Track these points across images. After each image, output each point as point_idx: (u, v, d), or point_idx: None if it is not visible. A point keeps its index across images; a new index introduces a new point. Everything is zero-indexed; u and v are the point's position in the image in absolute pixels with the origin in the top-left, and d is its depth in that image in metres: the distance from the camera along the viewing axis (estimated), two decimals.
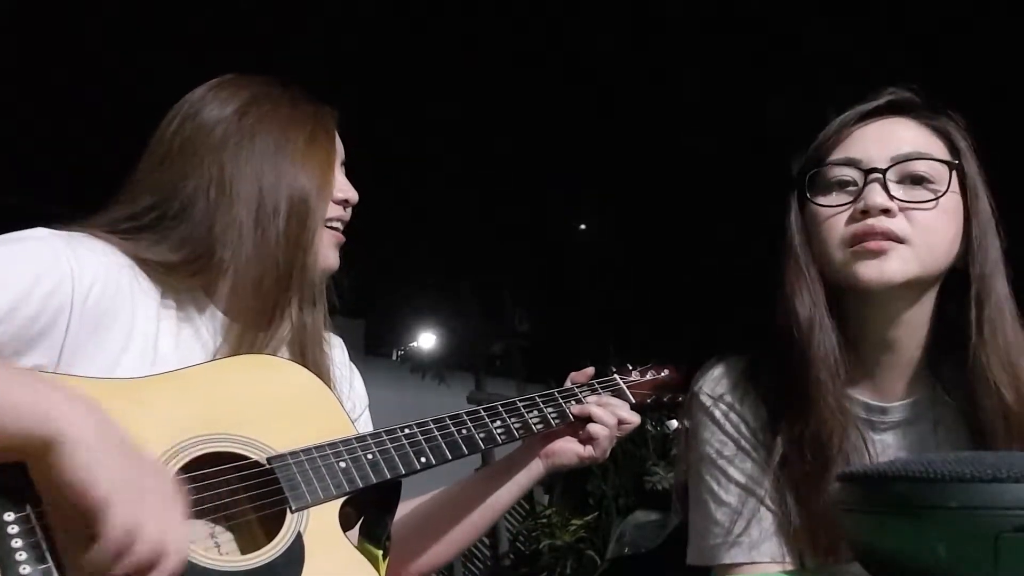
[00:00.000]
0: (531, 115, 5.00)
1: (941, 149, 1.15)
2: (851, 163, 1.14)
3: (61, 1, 3.76)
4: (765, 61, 4.33)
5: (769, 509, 1.15)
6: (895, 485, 0.69)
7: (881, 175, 1.11)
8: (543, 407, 1.29)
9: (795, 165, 1.23)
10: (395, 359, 8.41)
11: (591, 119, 5.17)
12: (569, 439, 1.32)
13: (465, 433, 1.18)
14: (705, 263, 5.18)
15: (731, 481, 1.17)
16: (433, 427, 1.17)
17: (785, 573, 1.11)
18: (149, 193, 1.16)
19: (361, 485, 1.06)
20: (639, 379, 1.42)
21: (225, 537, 1.01)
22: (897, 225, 1.10)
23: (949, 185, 1.12)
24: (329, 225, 1.23)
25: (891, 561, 0.70)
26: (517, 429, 1.24)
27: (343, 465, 1.06)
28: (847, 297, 1.15)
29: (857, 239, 1.10)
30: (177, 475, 0.96)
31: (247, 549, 1.00)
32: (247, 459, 1.02)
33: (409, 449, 1.12)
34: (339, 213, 1.25)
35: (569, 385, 1.36)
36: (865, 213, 1.10)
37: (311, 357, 1.22)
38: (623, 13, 4.41)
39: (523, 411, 1.26)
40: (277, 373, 1.12)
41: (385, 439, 1.12)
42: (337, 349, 1.35)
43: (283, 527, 0.99)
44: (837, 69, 3.80)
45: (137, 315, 1.11)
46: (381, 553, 1.07)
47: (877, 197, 1.10)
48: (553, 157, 5.31)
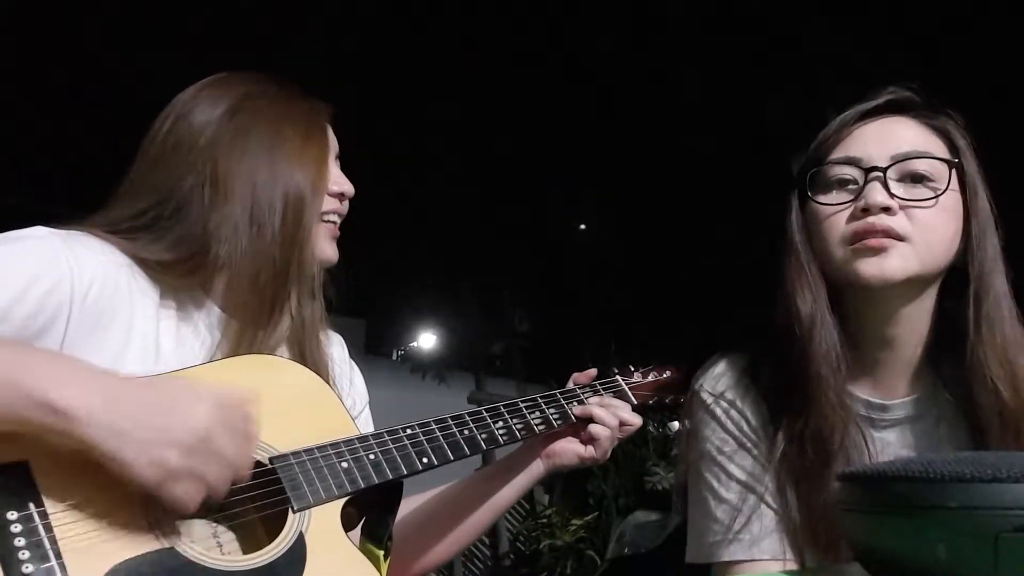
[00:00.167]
0: (531, 115, 5.00)
1: (941, 148, 1.16)
2: (851, 162, 1.14)
3: (61, 1, 3.76)
4: (765, 61, 4.33)
5: (769, 506, 1.15)
6: (895, 485, 0.69)
7: (882, 173, 1.12)
8: (545, 408, 1.29)
9: (795, 164, 1.23)
10: (395, 359, 8.41)
11: (591, 119, 5.17)
12: (570, 440, 1.32)
13: (467, 433, 1.19)
14: (705, 263, 5.18)
15: (731, 478, 1.17)
16: (435, 427, 1.17)
17: (785, 573, 1.11)
18: (145, 194, 1.16)
19: (363, 485, 1.06)
20: (641, 380, 1.42)
21: (227, 537, 1.01)
22: (897, 223, 1.10)
23: (949, 183, 1.13)
24: (325, 219, 1.23)
25: (891, 561, 0.70)
26: (519, 430, 1.24)
27: (345, 465, 1.07)
28: (847, 294, 1.16)
29: (858, 237, 1.11)
30: None
31: (249, 549, 1.00)
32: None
33: (411, 449, 1.13)
34: (335, 206, 1.25)
35: (571, 386, 1.36)
36: (866, 211, 1.11)
37: (309, 352, 1.22)
38: (623, 13, 4.41)
39: (525, 412, 1.26)
40: (279, 373, 1.13)
41: (387, 439, 1.12)
42: (336, 346, 1.35)
43: (285, 527, 1.00)
44: (837, 69, 3.80)
45: (136, 314, 1.11)
46: (383, 553, 1.07)
47: (878, 195, 1.10)
48: (553, 157, 5.31)
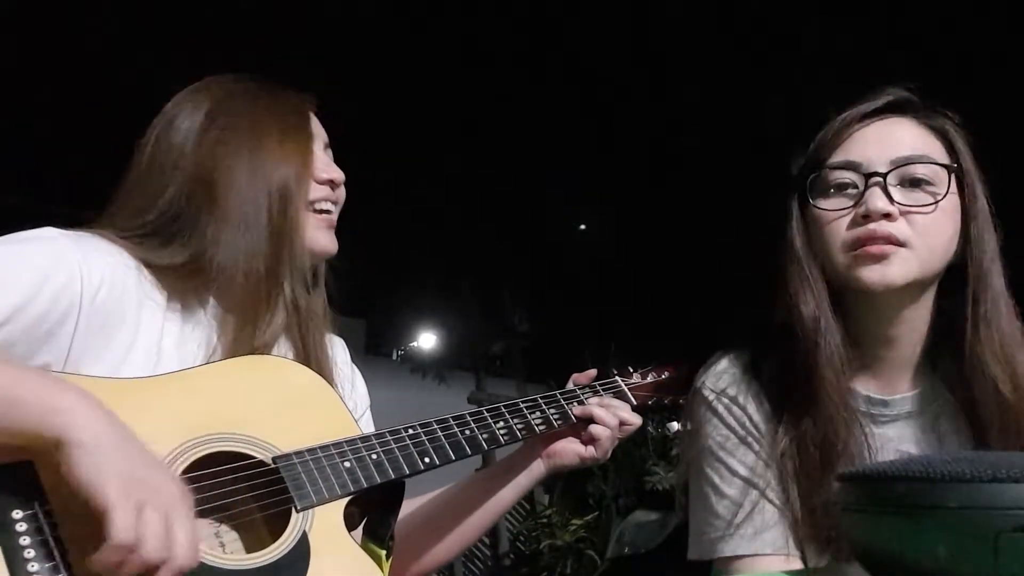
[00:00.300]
0: (531, 115, 5.00)
1: (939, 149, 1.16)
2: (851, 166, 1.15)
3: (61, 1, 3.76)
4: (765, 61, 4.34)
5: (771, 501, 1.15)
6: (895, 485, 0.69)
7: (882, 179, 1.12)
8: (545, 408, 1.29)
9: (795, 164, 1.23)
10: (395, 359, 8.41)
11: (591, 119, 5.17)
12: (571, 440, 1.32)
13: (468, 434, 1.19)
14: (705, 263, 5.18)
15: (733, 474, 1.17)
16: (437, 427, 1.17)
17: (785, 573, 1.12)
18: (143, 203, 1.17)
19: (365, 485, 1.07)
20: (641, 381, 1.42)
21: (230, 536, 1.02)
22: (898, 229, 1.11)
23: (948, 187, 1.13)
24: (316, 208, 1.23)
25: (891, 561, 0.70)
26: (520, 430, 1.25)
27: (348, 465, 1.07)
28: (849, 297, 1.16)
29: (859, 243, 1.12)
30: (183, 474, 0.96)
31: (252, 548, 1.00)
32: (252, 459, 1.02)
33: (413, 449, 1.13)
34: (325, 194, 1.24)
35: (571, 386, 1.37)
36: (866, 217, 1.11)
37: (312, 351, 1.22)
38: (623, 13, 4.41)
39: (525, 412, 1.27)
40: (281, 373, 1.13)
41: (389, 439, 1.12)
42: (339, 349, 1.35)
43: (288, 526, 1.00)
44: (837, 69, 3.81)
45: (143, 316, 1.12)
46: (385, 553, 1.07)
47: (878, 201, 1.11)
48: (553, 157, 5.31)
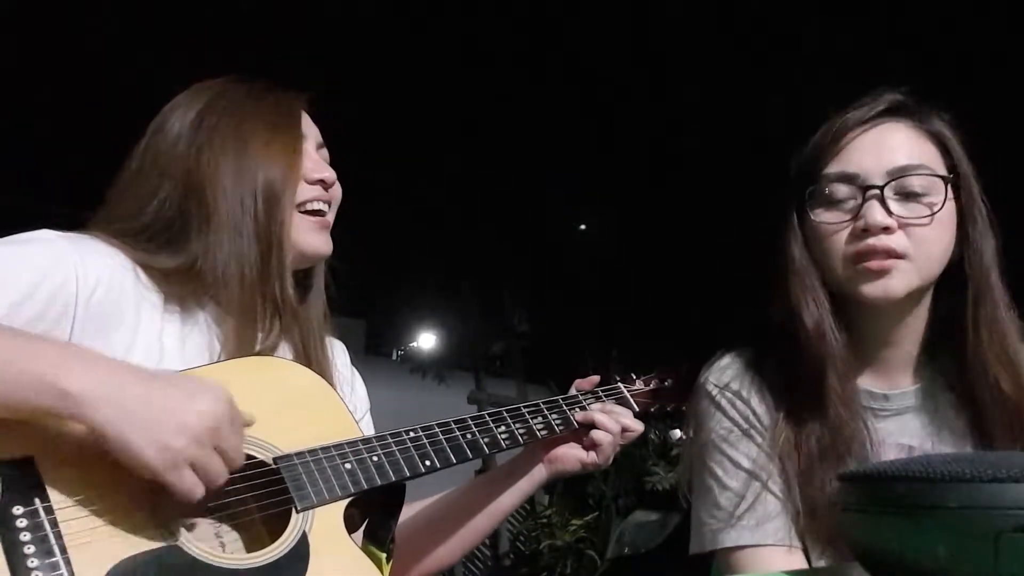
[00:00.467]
0: (531, 115, 5.00)
1: (935, 155, 1.16)
2: (848, 178, 1.15)
3: (61, 1, 3.76)
4: (765, 61, 4.34)
5: (773, 493, 1.15)
6: (895, 485, 0.69)
7: (879, 191, 1.12)
8: (547, 413, 1.29)
9: (794, 163, 1.23)
10: (395, 359, 8.42)
11: (591, 119, 5.17)
12: (572, 445, 1.32)
13: (470, 438, 1.19)
14: (705, 263, 5.18)
15: (736, 466, 1.17)
16: (438, 431, 1.17)
17: (786, 573, 1.12)
18: (134, 206, 1.17)
19: (366, 487, 1.07)
20: (643, 387, 1.42)
21: (230, 536, 1.02)
22: (897, 242, 1.11)
23: (945, 196, 1.14)
24: (306, 208, 1.22)
25: (891, 561, 0.70)
26: (521, 434, 1.24)
27: (348, 467, 1.07)
28: (850, 305, 1.17)
29: (860, 258, 1.12)
30: None
31: (252, 548, 1.00)
32: (253, 459, 1.02)
33: (414, 452, 1.13)
34: (316, 194, 1.23)
35: (574, 392, 1.36)
36: (865, 231, 1.12)
37: (313, 352, 1.22)
38: (623, 13, 4.41)
39: (527, 416, 1.26)
40: (283, 374, 1.13)
41: (390, 442, 1.12)
42: (339, 352, 1.35)
43: (288, 527, 1.00)
44: (837, 69, 3.81)
45: (142, 317, 1.12)
46: (385, 556, 1.07)
47: (877, 215, 1.11)
48: (553, 157, 5.31)
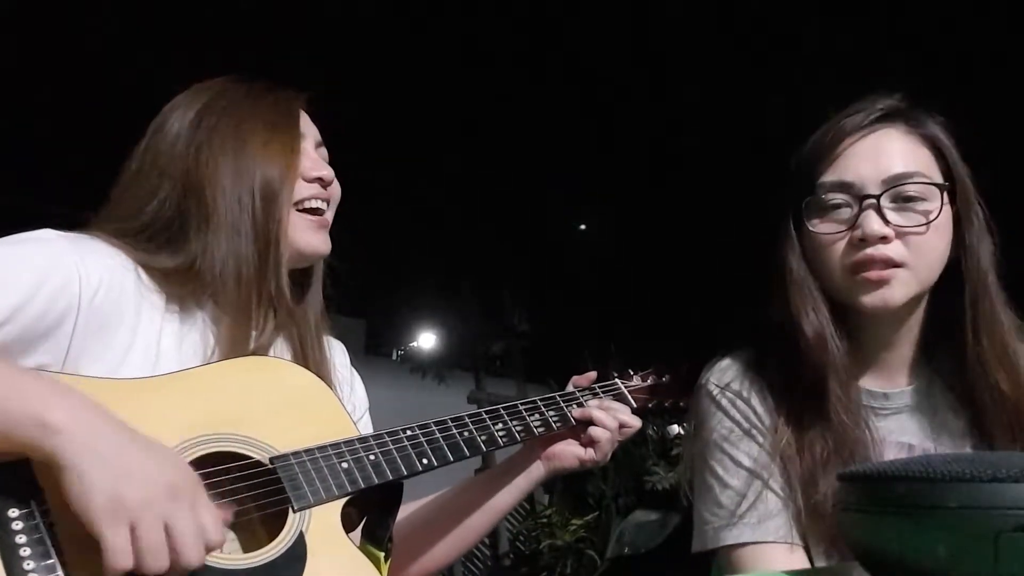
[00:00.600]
0: (531, 115, 5.00)
1: (930, 160, 1.16)
2: (844, 188, 1.15)
3: (61, 1, 3.77)
4: (765, 61, 4.34)
5: (775, 492, 1.15)
6: (895, 485, 0.69)
7: (875, 200, 1.12)
8: (544, 410, 1.29)
9: (792, 162, 1.23)
10: (395, 359, 8.42)
11: (591, 119, 5.17)
12: (570, 442, 1.31)
13: (467, 435, 1.18)
14: (705, 263, 5.18)
15: (737, 465, 1.17)
16: (435, 429, 1.17)
17: (786, 573, 1.11)
18: (134, 205, 1.17)
19: (363, 485, 1.06)
20: (641, 384, 1.41)
21: (228, 536, 1.01)
22: (895, 251, 1.12)
23: (941, 202, 1.14)
24: (304, 207, 1.22)
25: (891, 561, 0.70)
26: (518, 432, 1.24)
27: (345, 465, 1.07)
28: (850, 312, 1.18)
29: (858, 268, 1.13)
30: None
31: (249, 548, 1.00)
32: (250, 459, 1.02)
33: (411, 450, 1.13)
34: (314, 192, 1.23)
35: (571, 389, 1.36)
36: (863, 241, 1.12)
37: (311, 352, 1.22)
38: (623, 13, 4.41)
39: (524, 414, 1.26)
40: (280, 374, 1.13)
41: (387, 440, 1.12)
42: (338, 352, 1.35)
43: (285, 526, 1.00)
44: (837, 69, 3.81)
45: (142, 317, 1.12)
46: (383, 555, 1.07)
47: (874, 224, 1.11)
48: (553, 157, 5.31)
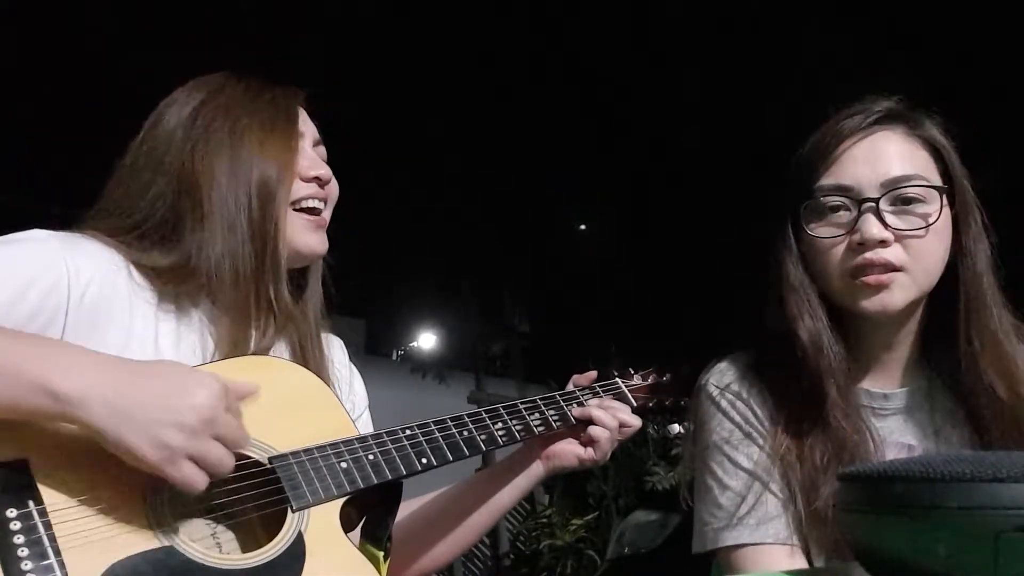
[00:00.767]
0: (531, 115, 5.00)
1: (928, 162, 1.16)
2: (843, 191, 1.14)
3: (61, 1, 3.77)
4: (765, 61, 4.33)
5: (774, 494, 1.15)
6: (895, 485, 0.68)
7: (874, 204, 1.12)
8: (544, 409, 1.28)
9: (792, 161, 1.22)
10: (395, 359, 8.43)
11: (591, 119, 5.17)
12: (570, 441, 1.31)
13: (466, 434, 1.18)
14: (705, 263, 5.18)
15: (737, 467, 1.17)
16: (434, 428, 1.17)
17: (786, 573, 1.11)
18: (132, 205, 1.17)
19: (362, 485, 1.06)
20: (640, 383, 1.41)
21: (226, 536, 1.01)
22: (894, 254, 1.11)
23: (940, 205, 1.13)
24: (301, 207, 1.21)
25: (891, 561, 0.70)
26: (518, 431, 1.24)
27: (344, 465, 1.06)
28: (848, 316, 1.17)
29: (857, 272, 1.12)
30: None
31: (248, 548, 1.00)
32: (248, 458, 1.02)
33: (410, 450, 1.12)
34: (311, 192, 1.22)
35: (571, 388, 1.36)
36: (862, 245, 1.11)
37: (309, 351, 1.22)
38: (623, 13, 4.41)
39: (524, 413, 1.26)
40: (278, 373, 1.12)
41: (386, 440, 1.12)
42: (337, 350, 1.35)
43: (284, 526, 0.99)
44: (837, 69, 3.81)
45: (135, 316, 1.11)
46: (383, 554, 1.07)
47: (873, 228, 1.11)
48: (553, 157, 5.31)
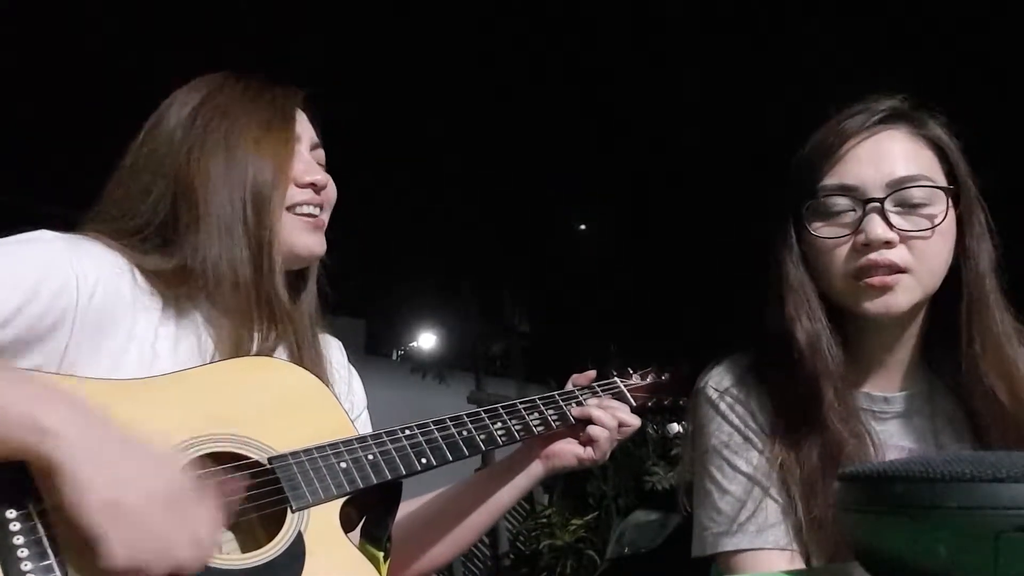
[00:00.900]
0: (531, 115, 5.00)
1: (933, 163, 1.15)
2: (847, 191, 1.13)
3: (61, 1, 3.77)
4: (765, 61, 4.33)
5: (774, 499, 1.15)
6: (895, 485, 0.68)
7: (879, 204, 1.11)
8: (543, 409, 1.28)
9: (793, 162, 1.22)
10: (395, 359, 8.43)
11: (591, 119, 5.17)
12: (569, 441, 1.31)
13: (465, 434, 1.18)
14: (705, 263, 5.18)
15: (737, 471, 1.17)
16: (434, 428, 1.17)
17: (785, 573, 1.11)
18: (132, 207, 1.17)
19: (362, 485, 1.06)
20: (640, 382, 1.41)
21: (226, 536, 1.01)
22: (899, 255, 1.10)
23: (946, 207, 1.13)
24: (297, 212, 1.21)
25: (891, 561, 0.70)
26: (517, 431, 1.24)
27: (344, 465, 1.06)
28: (849, 317, 1.16)
29: (862, 273, 1.11)
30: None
31: (248, 548, 1.00)
32: (248, 459, 1.02)
33: (410, 450, 1.12)
34: (307, 197, 1.21)
35: (570, 387, 1.36)
36: (866, 246, 1.10)
37: (306, 352, 1.21)
38: (623, 13, 4.41)
39: (523, 413, 1.26)
40: (277, 373, 1.12)
41: (386, 440, 1.12)
42: (335, 350, 1.34)
43: (284, 526, 0.99)
44: (837, 69, 3.81)
45: (138, 319, 1.11)
46: (382, 555, 1.07)
47: (878, 229, 1.10)
48: (553, 157, 5.31)
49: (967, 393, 1.16)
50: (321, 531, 1.01)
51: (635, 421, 1.33)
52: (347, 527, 1.05)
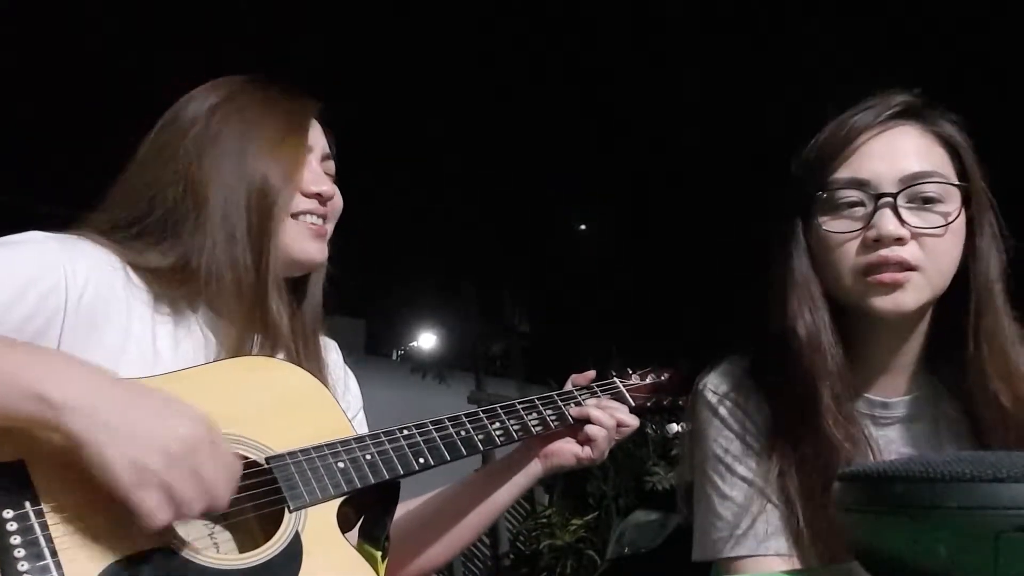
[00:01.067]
0: (531, 115, 5.00)
1: (946, 160, 1.13)
2: (859, 185, 1.11)
3: (61, 1, 3.77)
4: (765, 61, 4.33)
5: (775, 505, 1.14)
6: (895, 485, 0.68)
7: (892, 199, 1.08)
8: (542, 409, 1.28)
9: (794, 164, 1.21)
10: (395, 359, 8.43)
11: (591, 119, 5.17)
12: (568, 440, 1.31)
13: (463, 435, 1.18)
14: (705, 263, 5.18)
15: (737, 477, 1.16)
16: (432, 428, 1.16)
17: (785, 573, 1.11)
18: (135, 201, 1.16)
19: (359, 486, 1.06)
20: (639, 382, 1.41)
21: (223, 536, 1.01)
22: (910, 252, 1.08)
23: (959, 208, 1.10)
24: (301, 219, 1.21)
25: (891, 561, 0.70)
26: (516, 431, 1.24)
27: (341, 465, 1.06)
28: (853, 317, 1.14)
29: (872, 270, 1.08)
30: None
31: (245, 548, 1.00)
32: (245, 459, 1.01)
33: (408, 450, 1.12)
34: (311, 207, 1.22)
35: (569, 388, 1.36)
36: (877, 241, 1.08)
37: (305, 352, 1.21)
38: (623, 13, 4.41)
39: (522, 413, 1.26)
40: (275, 373, 1.12)
41: (384, 440, 1.12)
42: (332, 351, 1.34)
43: (281, 526, 0.99)
44: (837, 69, 3.81)
45: (133, 317, 1.11)
46: (380, 554, 1.06)
47: (889, 225, 1.07)
48: (553, 157, 5.31)
49: (969, 397, 1.14)
50: (318, 531, 1.01)
51: (633, 421, 1.33)
52: (345, 527, 1.05)
